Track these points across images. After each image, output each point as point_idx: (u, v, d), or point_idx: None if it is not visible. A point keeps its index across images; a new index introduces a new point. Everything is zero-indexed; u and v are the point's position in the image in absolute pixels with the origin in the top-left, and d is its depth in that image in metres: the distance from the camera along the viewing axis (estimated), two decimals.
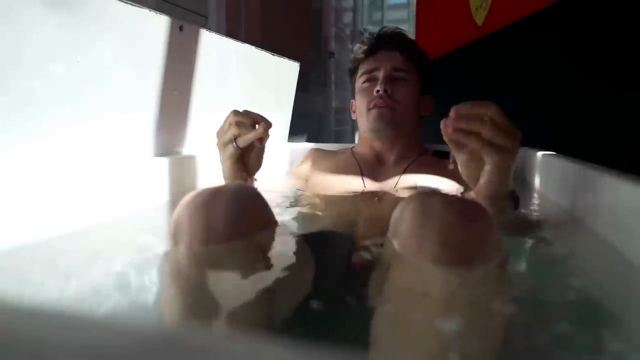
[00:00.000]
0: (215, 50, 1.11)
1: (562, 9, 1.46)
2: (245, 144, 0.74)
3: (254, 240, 0.47)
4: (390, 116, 0.91)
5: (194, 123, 1.10)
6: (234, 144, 0.73)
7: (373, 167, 0.96)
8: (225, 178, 0.78)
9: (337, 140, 3.97)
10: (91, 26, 0.76)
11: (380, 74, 0.92)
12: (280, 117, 1.68)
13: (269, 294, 0.46)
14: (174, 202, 0.99)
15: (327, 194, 0.93)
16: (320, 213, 0.84)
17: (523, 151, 1.33)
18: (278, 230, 0.51)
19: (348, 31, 4.49)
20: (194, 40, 1.00)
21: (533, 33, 1.69)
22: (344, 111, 4.17)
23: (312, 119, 3.17)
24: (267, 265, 0.47)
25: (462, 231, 0.39)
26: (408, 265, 0.42)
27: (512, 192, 0.62)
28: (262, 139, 0.76)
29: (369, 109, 0.93)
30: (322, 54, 3.68)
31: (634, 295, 0.48)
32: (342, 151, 1.07)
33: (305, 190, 0.98)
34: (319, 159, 1.03)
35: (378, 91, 0.90)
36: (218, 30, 1.58)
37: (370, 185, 0.92)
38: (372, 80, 0.94)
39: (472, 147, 0.55)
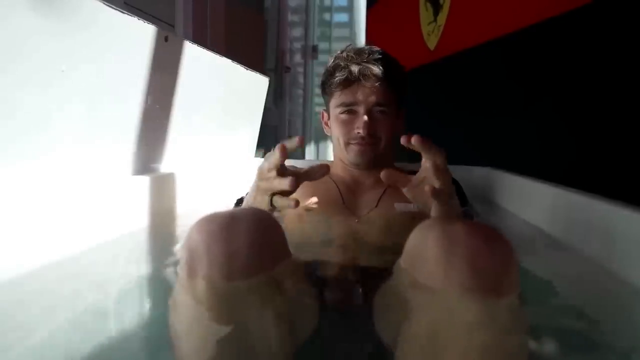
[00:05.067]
0: (195, 63, 1.08)
1: (508, 41, 1.60)
2: (282, 208, 0.66)
3: (273, 275, 0.45)
4: (371, 153, 0.90)
5: (172, 138, 1.05)
6: (271, 200, 0.64)
7: (351, 189, 0.96)
8: (249, 205, 0.70)
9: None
10: (75, 34, 0.71)
11: (361, 111, 0.87)
12: (250, 132, 1.65)
13: (290, 337, 0.44)
14: (154, 222, 0.93)
15: (307, 217, 0.91)
16: (305, 239, 0.83)
17: (484, 171, 1.43)
18: (291, 262, 0.50)
19: (299, 45, 4.55)
20: (178, 52, 0.96)
21: (483, 59, 1.83)
22: (295, 123, 4.26)
23: (267, 132, 3.17)
24: (286, 304, 0.45)
25: (490, 257, 0.39)
26: (433, 294, 0.42)
27: (465, 211, 0.68)
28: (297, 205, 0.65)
29: (348, 143, 0.90)
30: (278, 67, 3.68)
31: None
32: None
33: (283, 214, 0.96)
34: None
35: (359, 132, 0.87)
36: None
37: (350, 206, 0.93)
38: (351, 112, 0.89)
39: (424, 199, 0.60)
